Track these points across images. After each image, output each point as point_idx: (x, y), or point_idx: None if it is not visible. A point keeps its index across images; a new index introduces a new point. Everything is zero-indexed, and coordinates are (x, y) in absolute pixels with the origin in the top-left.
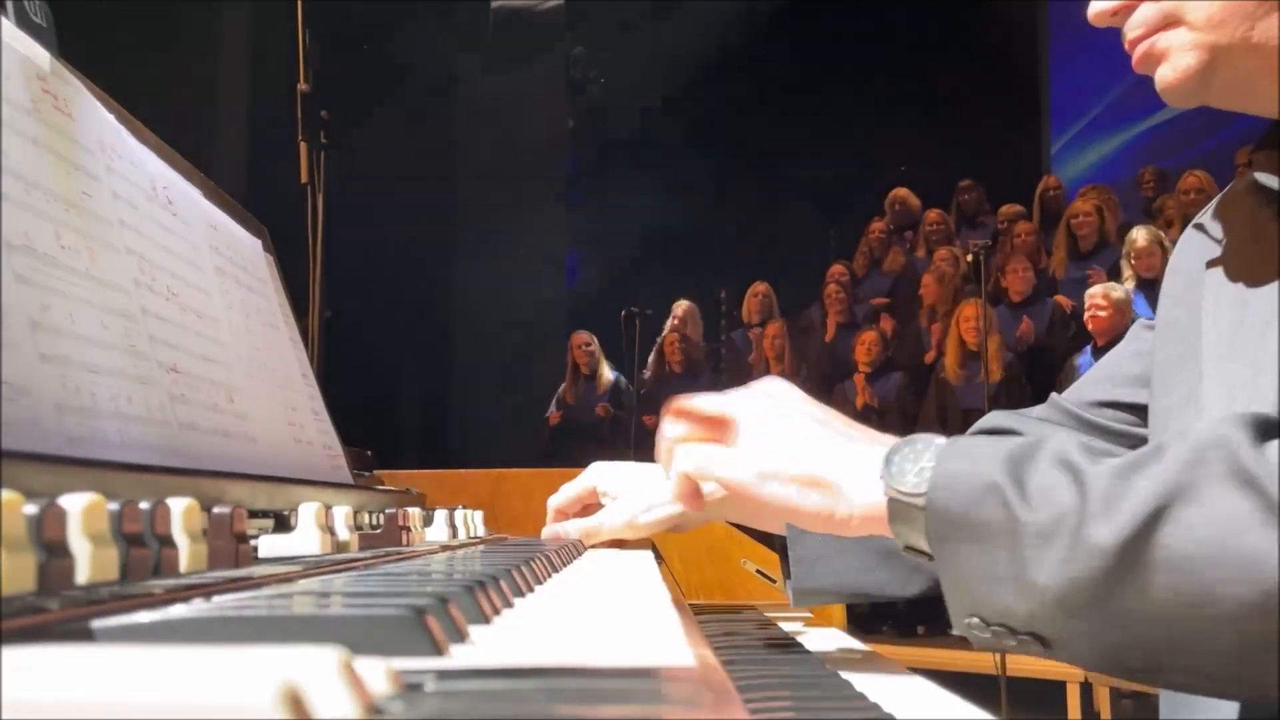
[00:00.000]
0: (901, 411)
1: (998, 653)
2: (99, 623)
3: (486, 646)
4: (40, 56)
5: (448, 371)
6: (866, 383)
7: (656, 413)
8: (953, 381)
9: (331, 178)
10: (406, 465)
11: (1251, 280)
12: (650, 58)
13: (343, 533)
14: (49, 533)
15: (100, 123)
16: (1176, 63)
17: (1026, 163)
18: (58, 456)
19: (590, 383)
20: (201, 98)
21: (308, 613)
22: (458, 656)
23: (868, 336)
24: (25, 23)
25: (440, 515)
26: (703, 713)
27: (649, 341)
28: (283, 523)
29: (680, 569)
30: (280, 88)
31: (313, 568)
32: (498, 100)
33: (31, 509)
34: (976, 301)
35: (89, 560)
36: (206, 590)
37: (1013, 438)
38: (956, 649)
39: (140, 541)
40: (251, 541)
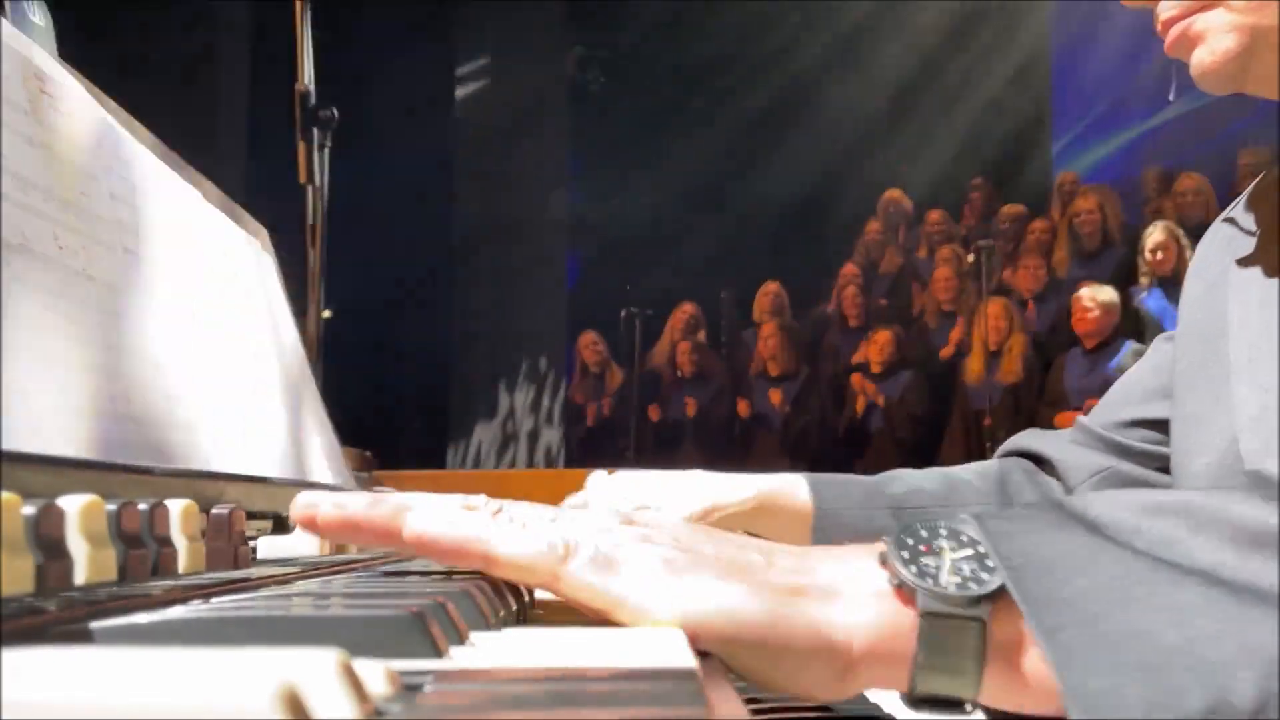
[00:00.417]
0: (909, 412)
1: None
2: (97, 624)
3: (486, 648)
4: (40, 56)
5: (448, 371)
6: (872, 382)
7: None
8: (973, 383)
9: (331, 178)
10: (406, 466)
11: None
12: (650, 58)
13: None
14: (47, 533)
15: (99, 123)
16: (1215, 45)
17: (1027, 162)
18: (56, 457)
19: (599, 382)
20: (201, 98)
21: (306, 614)
22: (457, 658)
23: (881, 336)
24: (25, 23)
25: None
26: (705, 714)
27: (649, 342)
28: (281, 524)
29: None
30: (280, 88)
31: (311, 569)
32: (498, 100)
33: (29, 510)
34: (1001, 300)
35: (87, 561)
36: (205, 591)
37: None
38: None
39: (138, 542)
40: (250, 542)
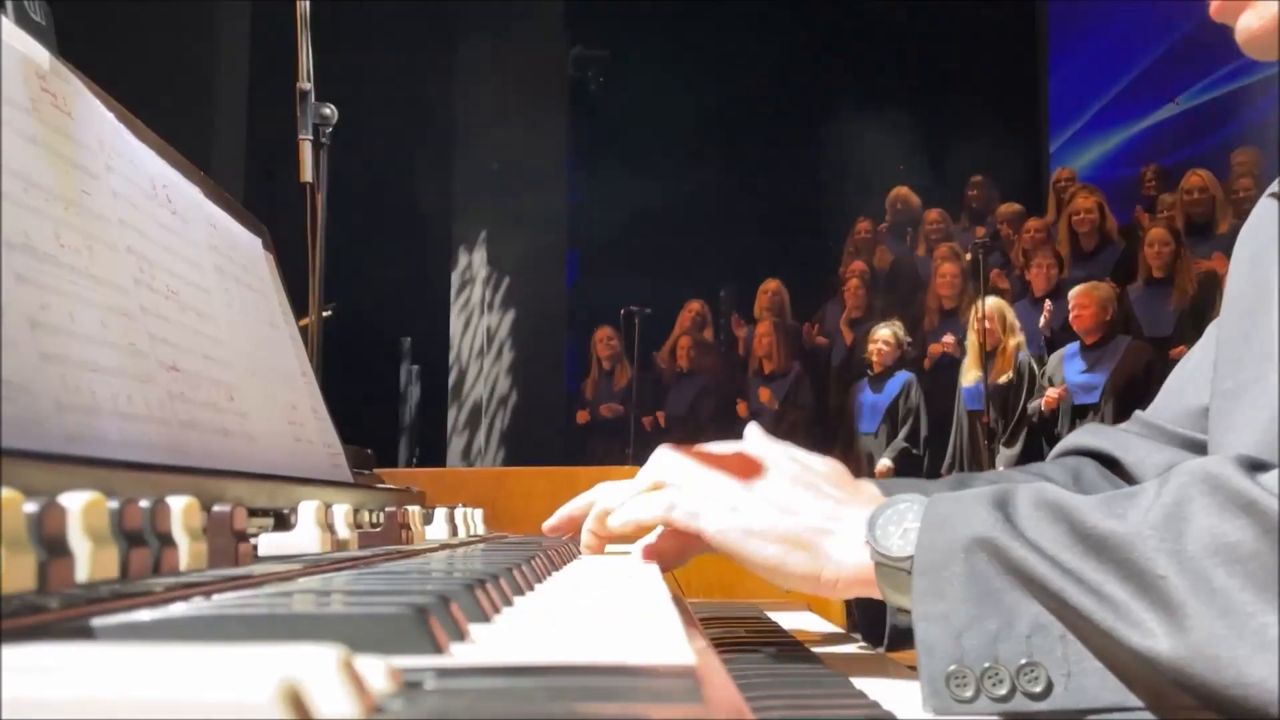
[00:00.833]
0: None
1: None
2: (99, 621)
3: (487, 645)
4: (40, 55)
5: (448, 371)
6: (874, 382)
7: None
8: (966, 384)
9: (331, 178)
10: (406, 464)
11: None
12: (650, 57)
13: (343, 531)
14: (49, 531)
15: (100, 121)
16: (1263, 11)
17: (1026, 161)
18: (58, 455)
19: (609, 378)
20: (201, 98)
21: (308, 611)
22: (458, 655)
23: (881, 335)
24: (25, 22)
25: (440, 513)
26: (703, 711)
27: (648, 341)
28: (282, 521)
29: (680, 568)
30: (280, 88)
31: (312, 566)
32: (498, 99)
33: (31, 507)
34: (996, 300)
35: (89, 558)
36: (206, 588)
37: (988, 487)
38: None
39: (140, 540)
40: (251, 540)
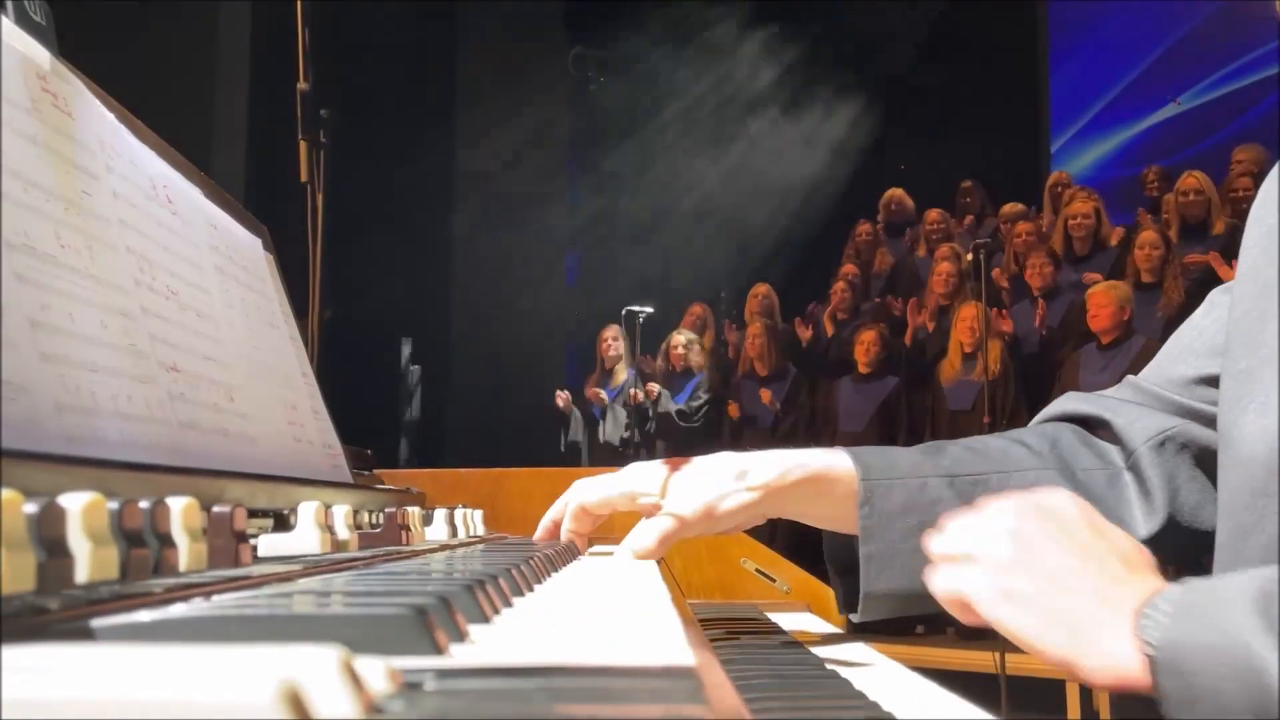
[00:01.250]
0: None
1: None
2: (99, 622)
3: (486, 646)
4: (40, 56)
5: (448, 371)
6: (861, 383)
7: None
8: (946, 384)
9: (331, 177)
10: (406, 465)
11: None
12: (650, 58)
13: (342, 532)
14: (49, 531)
15: (100, 122)
16: None
17: (1027, 162)
18: (57, 455)
19: (608, 376)
20: (201, 98)
21: (307, 612)
22: (458, 656)
23: (867, 336)
24: (25, 22)
25: (440, 514)
26: (703, 712)
27: (648, 341)
28: (282, 522)
29: (680, 568)
30: (280, 88)
31: (312, 567)
32: (497, 99)
33: (31, 508)
34: (975, 303)
35: (89, 559)
36: (206, 589)
37: (1247, 574)
38: (956, 648)
39: (140, 540)
40: (251, 540)
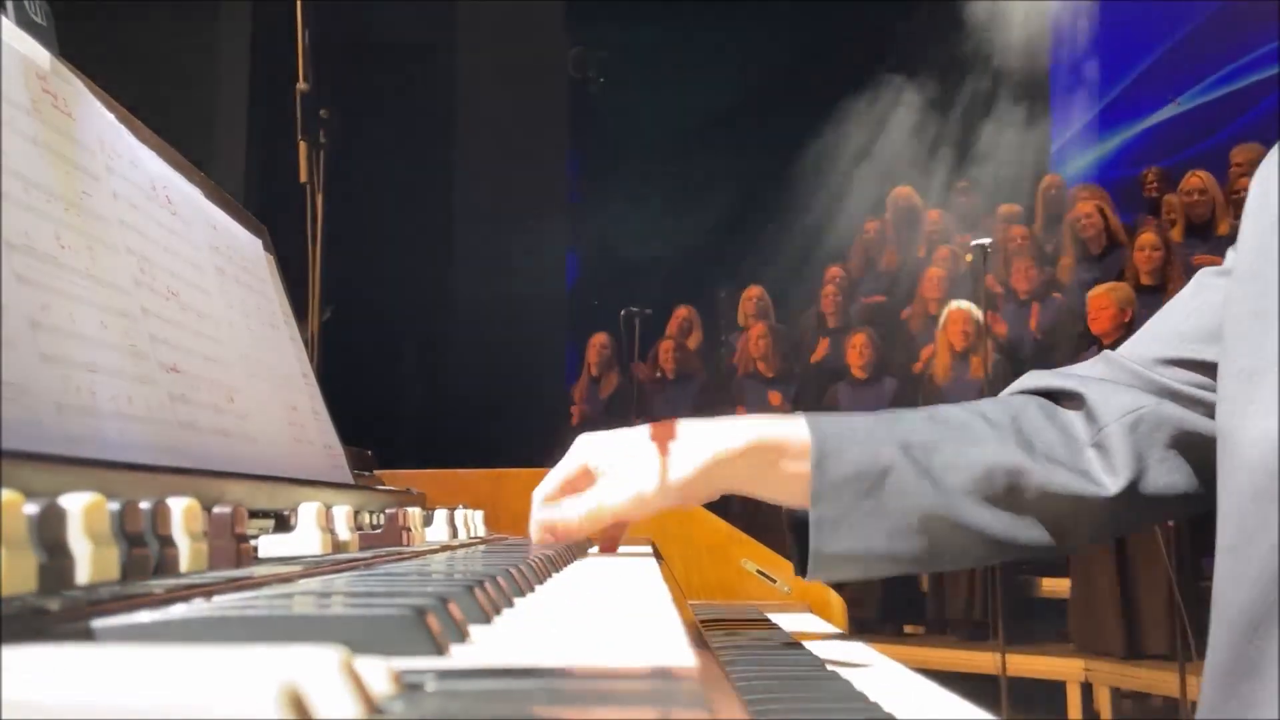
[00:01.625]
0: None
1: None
2: (99, 622)
3: (487, 646)
4: (40, 56)
5: (447, 371)
6: (858, 389)
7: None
8: (939, 383)
9: (331, 178)
10: (406, 465)
11: None
12: (650, 58)
13: (343, 533)
14: (49, 532)
15: (100, 122)
16: None
17: (1027, 162)
18: (58, 456)
19: (595, 385)
20: (201, 98)
21: (308, 612)
22: (458, 656)
23: (858, 339)
24: (25, 22)
25: (440, 515)
26: (703, 713)
27: (648, 342)
28: (283, 522)
29: (680, 569)
30: (280, 88)
31: (313, 568)
32: (498, 100)
33: (32, 509)
34: (964, 305)
35: (89, 560)
36: (207, 590)
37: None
38: (956, 649)
39: (141, 541)
40: (252, 541)
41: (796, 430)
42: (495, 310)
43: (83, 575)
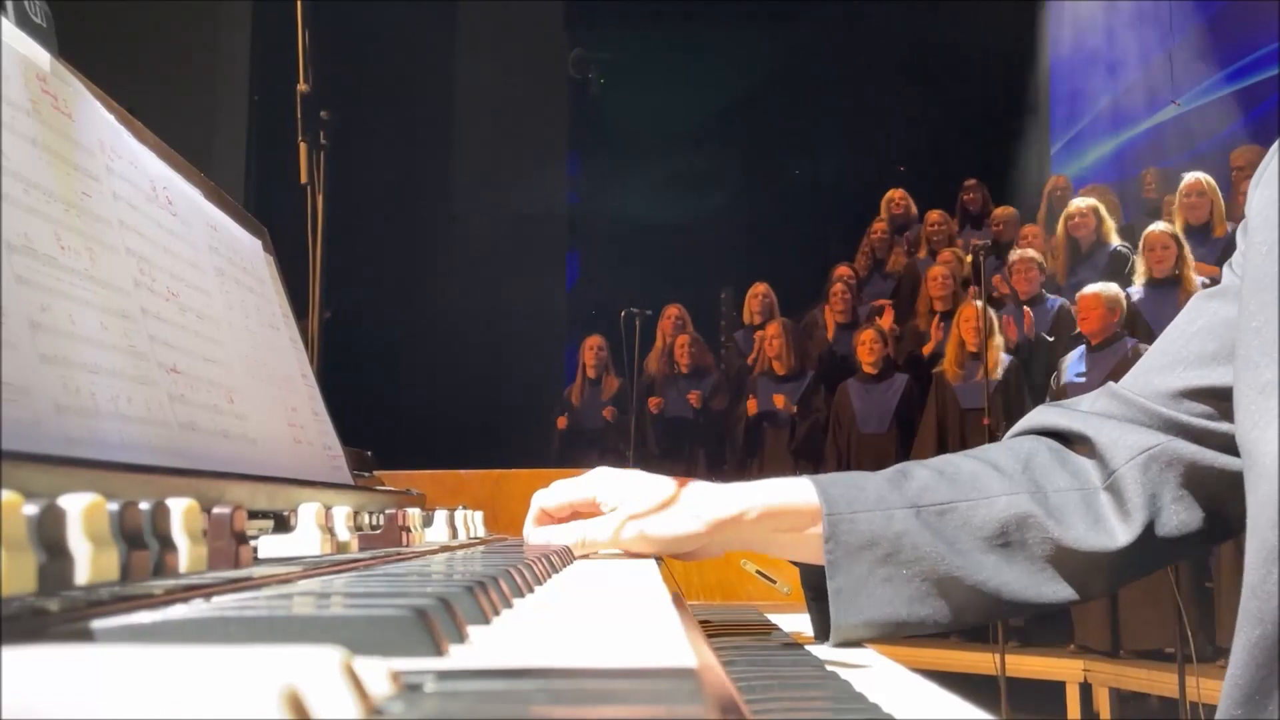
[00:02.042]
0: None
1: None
2: (99, 623)
3: (487, 647)
4: (40, 56)
5: (447, 371)
6: (869, 384)
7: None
8: (951, 381)
9: (331, 178)
10: (406, 465)
11: None
12: (650, 58)
13: (343, 533)
14: (49, 533)
15: (100, 123)
16: None
17: (1026, 163)
18: (58, 457)
19: (595, 387)
20: (201, 98)
21: (308, 613)
22: (458, 657)
23: (867, 335)
24: (25, 23)
25: (440, 516)
26: (703, 713)
27: (647, 343)
28: (283, 523)
29: (680, 569)
30: (280, 88)
31: (313, 568)
32: (498, 100)
33: (31, 509)
34: (974, 305)
35: (89, 561)
36: (207, 591)
37: None
38: (956, 649)
39: (140, 542)
40: (251, 542)
41: (805, 495)
42: (495, 310)
43: (82, 576)
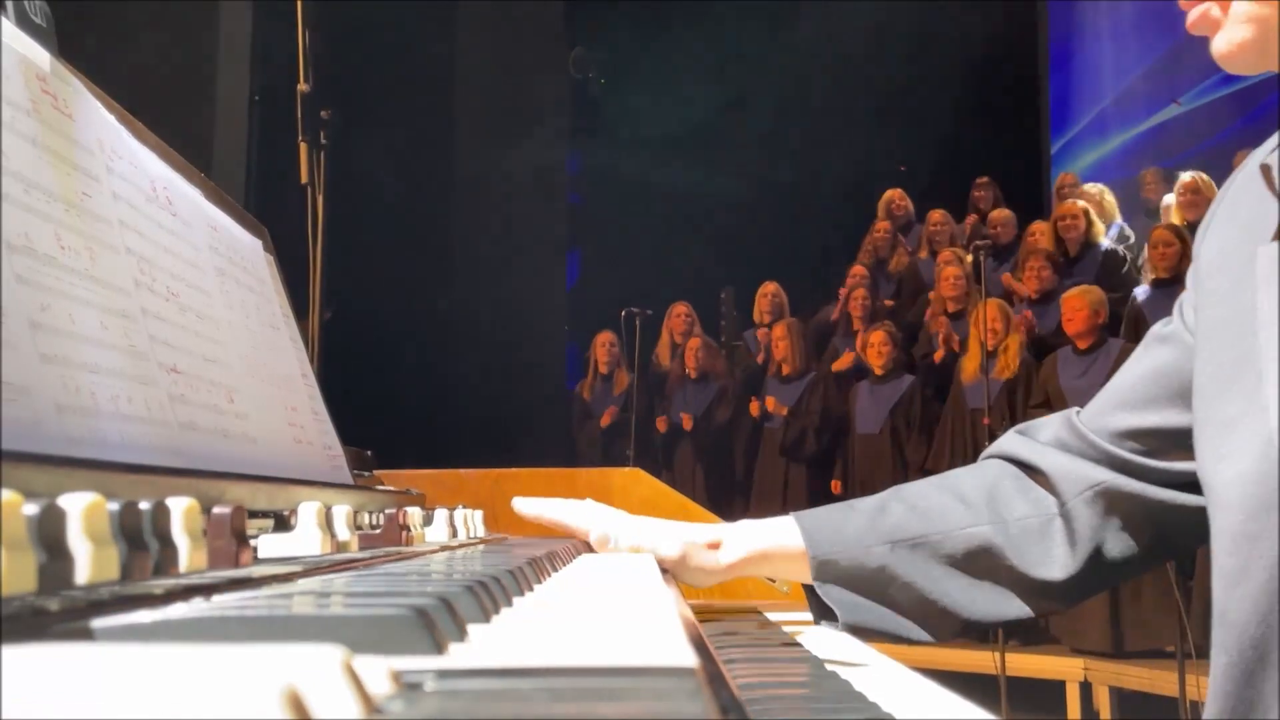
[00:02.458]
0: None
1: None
2: (99, 622)
3: (487, 646)
4: (40, 56)
5: (447, 371)
6: (877, 385)
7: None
8: (967, 382)
9: (331, 178)
10: (406, 465)
11: None
12: (651, 58)
13: (343, 533)
14: (49, 533)
15: (100, 123)
16: (1231, 35)
17: (1026, 163)
18: (58, 457)
19: (607, 382)
20: (201, 98)
21: (308, 612)
22: (458, 656)
23: (876, 337)
24: (25, 23)
25: (440, 515)
26: (702, 712)
27: (649, 343)
28: (283, 523)
29: None
30: (280, 88)
31: (313, 568)
32: (498, 100)
33: (32, 509)
34: (996, 302)
35: (89, 560)
36: (207, 590)
37: None
38: (956, 649)
39: (140, 542)
40: (251, 541)
41: (790, 538)
42: (495, 310)
43: (82, 575)
